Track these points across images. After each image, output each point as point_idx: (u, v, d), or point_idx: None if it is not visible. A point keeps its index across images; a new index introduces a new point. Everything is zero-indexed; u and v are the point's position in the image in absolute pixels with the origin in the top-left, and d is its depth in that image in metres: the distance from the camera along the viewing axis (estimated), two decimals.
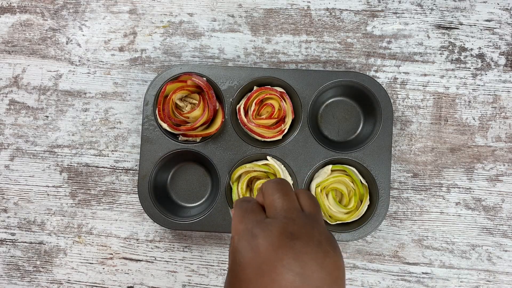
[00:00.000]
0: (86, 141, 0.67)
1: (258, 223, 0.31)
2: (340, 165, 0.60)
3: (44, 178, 0.67)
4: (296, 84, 0.61)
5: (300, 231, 0.29)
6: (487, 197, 0.64)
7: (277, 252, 0.28)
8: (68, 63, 0.69)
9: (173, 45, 0.68)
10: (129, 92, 0.68)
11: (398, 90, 0.66)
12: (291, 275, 0.27)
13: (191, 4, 0.69)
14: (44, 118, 0.68)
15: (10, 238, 0.67)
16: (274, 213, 0.32)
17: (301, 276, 0.27)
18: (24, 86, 0.68)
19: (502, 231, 0.64)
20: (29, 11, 0.69)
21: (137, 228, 0.66)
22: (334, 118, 0.65)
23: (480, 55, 0.66)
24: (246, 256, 0.29)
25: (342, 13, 0.67)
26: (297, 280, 0.27)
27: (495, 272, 0.64)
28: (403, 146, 0.65)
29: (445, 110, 0.66)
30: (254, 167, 0.59)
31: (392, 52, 0.67)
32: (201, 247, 0.65)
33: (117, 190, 0.66)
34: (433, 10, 0.67)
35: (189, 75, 0.61)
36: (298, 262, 0.27)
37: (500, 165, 0.65)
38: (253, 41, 0.68)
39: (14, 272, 0.66)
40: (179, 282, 0.65)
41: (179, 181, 0.65)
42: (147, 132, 0.62)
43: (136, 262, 0.66)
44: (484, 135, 0.65)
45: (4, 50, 0.69)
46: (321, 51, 0.67)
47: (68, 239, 0.66)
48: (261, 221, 0.31)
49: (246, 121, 0.60)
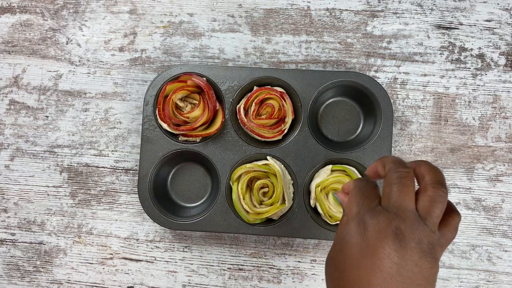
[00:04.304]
0: (86, 141, 0.67)
1: (370, 210, 0.33)
2: (340, 165, 0.60)
3: (44, 178, 0.67)
4: (296, 84, 0.61)
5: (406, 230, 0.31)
6: (487, 197, 0.64)
7: (381, 240, 0.31)
8: (68, 63, 0.69)
9: (173, 45, 0.68)
10: (129, 92, 0.68)
11: (398, 90, 0.66)
12: (389, 262, 0.31)
13: (191, 4, 0.69)
14: (44, 118, 0.68)
15: (10, 238, 0.67)
16: (387, 204, 0.33)
17: (398, 266, 0.31)
18: (24, 86, 0.68)
19: (502, 231, 0.64)
20: (29, 11, 0.69)
21: (137, 228, 0.66)
22: (334, 118, 0.65)
23: (480, 55, 0.66)
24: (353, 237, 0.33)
25: (342, 13, 0.67)
26: (393, 267, 0.31)
27: (495, 272, 0.64)
28: (403, 146, 0.65)
29: (445, 110, 0.66)
30: (254, 167, 0.59)
31: (392, 52, 0.67)
32: (201, 247, 0.65)
33: (117, 190, 0.66)
34: (433, 10, 0.67)
35: (189, 75, 0.61)
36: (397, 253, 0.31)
37: (500, 165, 0.65)
38: (253, 41, 0.68)
39: (14, 272, 0.66)
40: (179, 282, 0.65)
41: (179, 181, 0.65)
42: (147, 132, 0.62)
43: (136, 262, 0.66)
44: (484, 135, 0.65)
45: (4, 50, 0.69)
46: (321, 51, 0.67)
47: (68, 239, 0.66)
48: (373, 209, 0.34)
49: (246, 121, 0.60)
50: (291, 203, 0.60)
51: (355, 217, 0.34)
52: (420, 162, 0.35)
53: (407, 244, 0.31)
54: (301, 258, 0.65)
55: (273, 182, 0.58)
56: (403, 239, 0.31)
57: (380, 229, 0.32)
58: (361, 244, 0.32)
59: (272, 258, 0.65)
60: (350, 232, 0.34)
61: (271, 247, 0.65)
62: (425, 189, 0.33)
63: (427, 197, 0.33)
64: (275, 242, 0.65)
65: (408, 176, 0.34)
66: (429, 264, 0.31)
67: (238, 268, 0.65)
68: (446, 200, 0.33)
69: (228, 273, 0.65)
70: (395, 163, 0.35)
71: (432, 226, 0.32)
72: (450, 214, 0.34)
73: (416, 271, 0.31)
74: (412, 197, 0.33)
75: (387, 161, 0.36)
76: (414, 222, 0.32)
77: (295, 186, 0.61)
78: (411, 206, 0.33)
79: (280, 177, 0.58)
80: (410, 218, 0.32)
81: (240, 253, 0.65)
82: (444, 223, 0.33)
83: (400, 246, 0.31)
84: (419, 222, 0.32)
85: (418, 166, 0.35)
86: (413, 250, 0.31)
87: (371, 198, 0.35)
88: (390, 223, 0.32)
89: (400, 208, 0.32)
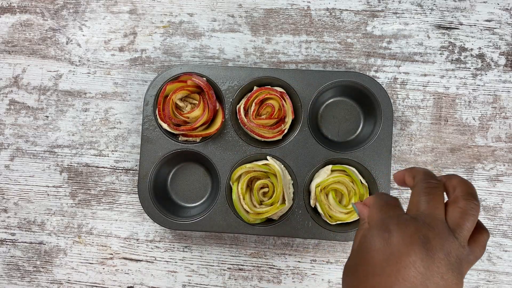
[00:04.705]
0: (86, 141, 0.67)
1: (395, 217, 0.32)
2: (340, 165, 0.60)
3: (44, 178, 0.67)
4: (296, 84, 0.61)
5: (434, 239, 0.30)
6: (487, 197, 0.64)
7: (408, 248, 0.30)
8: (68, 63, 0.69)
9: (173, 45, 0.68)
10: (129, 92, 0.68)
11: (398, 90, 0.66)
12: (414, 271, 0.29)
13: (191, 4, 0.69)
14: (44, 118, 0.68)
15: (10, 238, 0.67)
16: (415, 213, 0.32)
17: (423, 276, 0.29)
18: (24, 86, 0.68)
19: (502, 231, 0.64)
20: (29, 11, 0.69)
21: (137, 228, 0.66)
22: (334, 118, 0.65)
23: (480, 55, 0.66)
24: (376, 242, 0.32)
25: (342, 13, 0.67)
26: (418, 277, 0.29)
27: (495, 272, 0.64)
28: (403, 146, 0.65)
29: (445, 110, 0.66)
30: (254, 167, 0.59)
31: (392, 52, 0.67)
32: (201, 247, 0.65)
33: (117, 190, 0.66)
34: (433, 10, 0.67)
35: (189, 75, 0.61)
36: (423, 263, 0.29)
37: (500, 165, 0.65)
38: (253, 41, 0.68)
39: (14, 272, 0.66)
40: (179, 282, 0.65)
41: (179, 181, 0.65)
42: (147, 132, 0.62)
43: (136, 262, 0.66)
44: (484, 135, 0.65)
45: (4, 50, 0.69)
46: (321, 51, 0.67)
47: (68, 239, 0.66)
48: (398, 216, 0.32)
49: (246, 121, 0.60)
50: (291, 203, 0.60)
51: (378, 223, 0.33)
52: (450, 175, 0.35)
53: (435, 254, 0.29)
54: (301, 258, 0.65)
55: (273, 182, 0.58)
56: (431, 248, 0.29)
57: (406, 236, 0.30)
58: (385, 251, 0.31)
59: (272, 258, 0.65)
60: (373, 238, 0.32)
61: (271, 247, 0.65)
62: (456, 201, 0.32)
63: (458, 208, 0.31)
64: (275, 242, 0.65)
65: (439, 187, 0.33)
66: (455, 280, 0.30)
67: (238, 268, 0.65)
68: (478, 213, 0.32)
69: (228, 273, 0.65)
70: (425, 174, 0.34)
71: (462, 240, 0.31)
72: (479, 231, 0.33)
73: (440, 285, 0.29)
74: (442, 208, 0.32)
75: (416, 171, 0.35)
76: (444, 232, 0.30)
77: (295, 186, 0.61)
78: (441, 216, 0.32)
79: (280, 177, 0.58)
80: (440, 228, 0.31)
81: (240, 253, 0.65)
82: (473, 239, 0.32)
83: (427, 256, 0.29)
84: (449, 234, 0.30)
85: (449, 179, 0.34)
86: (441, 262, 0.29)
87: (395, 207, 0.34)
88: (418, 230, 0.30)
89: (429, 217, 0.31)
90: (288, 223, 0.60)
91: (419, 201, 0.33)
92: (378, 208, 0.34)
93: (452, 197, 0.33)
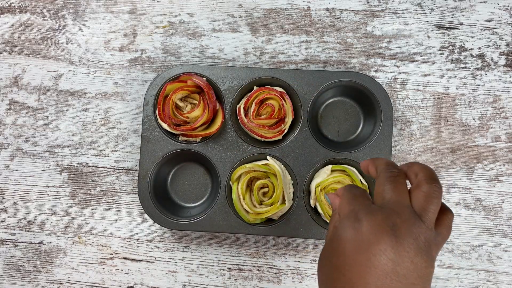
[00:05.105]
0: (86, 141, 0.67)
1: (364, 207, 0.33)
2: (340, 165, 0.60)
3: (44, 178, 0.67)
4: (296, 84, 0.61)
5: (402, 225, 0.31)
6: (487, 197, 0.64)
7: (377, 236, 0.30)
8: (68, 63, 0.69)
9: (173, 45, 0.68)
10: (129, 92, 0.68)
11: (398, 90, 0.66)
12: (384, 258, 0.30)
13: (191, 4, 0.69)
14: (44, 118, 0.68)
15: (10, 238, 0.67)
16: (381, 202, 0.33)
17: (393, 262, 0.30)
18: (24, 86, 0.68)
19: (502, 231, 0.64)
20: (29, 11, 0.69)
21: (137, 228, 0.66)
22: (334, 118, 0.65)
23: (480, 55, 0.66)
24: (347, 233, 0.32)
25: (342, 13, 0.67)
26: (389, 264, 0.30)
27: (495, 272, 0.64)
28: (403, 146, 0.65)
29: (445, 110, 0.66)
30: (254, 167, 0.59)
31: (392, 52, 0.67)
32: (201, 247, 0.65)
33: (117, 190, 0.66)
34: (433, 10, 0.67)
35: (189, 75, 0.61)
36: (393, 250, 0.30)
37: (500, 165, 0.65)
38: (253, 41, 0.68)
39: (14, 272, 0.66)
40: (179, 282, 0.65)
41: (179, 181, 0.65)
42: (147, 132, 0.62)
43: (136, 262, 0.66)
44: (484, 135, 0.65)
45: (4, 50, 0.69)
46: (321, 51, 0.67)
47: (68, 239, 0.66)
48: (367, 206, 0.33)
49: (246, 121, 0.60)
50: (291, 203, 0.60)
51: (349, 214, 0.34)
52: (411, 163, 0.36)
53: (404, 240, 0.30)
54: (301, 258, 0.65)
55: (273, 182, 0.58)
56: (400, 235, 0.30)
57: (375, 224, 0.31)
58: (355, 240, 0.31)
59: (272, 258, 0.65)
60: (345, 228, 0.33)
61: (271, 247, 0.65)
62: (419, 186, 0.33)
63: (422, 193, 0.32)
64: (275, 242, 0.65)
65: (400, 175, 0.35)
66: (424, 263, 0.30)
67: (238, 268, 0.65)
68: (441, 195, 0.33)
69: (228, 273, 0.65)
70: (387, 164, 0.36)
71: (428, 223, 0.31)
72: (443, 212, 0.34)
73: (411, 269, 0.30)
74: (407, 194, 0.33)
75: (379, 163, 0.37)
76: (411, 217, 0.31)
77: (295, 186, 0.61)
78: (406, 202, 0.32)
79: (280, 177, 0.58)
80: (407, 213, 0.31)
81: (240, 253, 0.65)
82: (438, 222, 0.33)
83: (396, 242, 0.30)
84: (416, 218, 0.31)
85: (409, 167, 0.35)
86: (410, 247, 0.30)
87: (364, 198, 0.35)
88: (386, 218, 0.31)
89: (395, 204, 0.32)
90: (288, 223, 0.60)
91: (383, 190, 0.34)
92: (347, 199, 0.35)
93: (414, 183, 0.34)
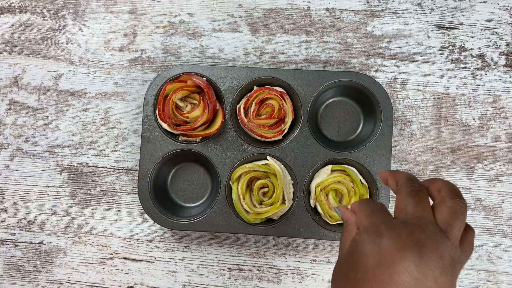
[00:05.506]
0: (86, 141, 0.67)
1: (386, 221, 0.32)
2: (340, 165, 0.60)
3: (44, 178, 0.67)
4: (296, 84, 0.61)
5: (427, 241, 0.29)
6: (487, 197, 0.64)
7: (400, 252, 0.29)
8: (68, 63, 0.69)
9: (173, 45, 0.68)
10: (129, 92, 0.68)
11: (398, 90, 0.66)
12: (407, 276, 0.28)
13: (191, 4, 0.69)
14: (44, 118, 0.68)
15: (10, 238, 0.67)
16: (403, 217, 0.32)
17: (416, 281, 0.28)
18: (24, 86, 0.68)
19: (502, 231, 0.64)
20: (29, 11, 0.69)
21: (137, 228, 0.66)
22: (334, 118, 0.65)
23: (480, 55, 0.66)
24: (368, 248, 0.31)
25: (342, 13, 0.67)
26: (412, 282, 0.28)
27: (495, 272, 0.64)
28: (403, 146, 0.65)
29: (445, 110, 0.66)
30: (254, 167, 0.59)
31: (392, 52, 0.67)
32: (201, 247, 0.65)
33: (117, 190, 0.66)
34: (433, 10, 0.67)
35: (189, 75, 0.61)
36: (417, 268, 0.28)
37: (500, 165, 0.65)
38: (253, 41, 0.68)
39: (14, 272, 0.66)
40: (179, 282, 0.65)
41: (179, 181, 0.65)
42: (147, 132, 0.62)
43: (136, 262, 0.66)
44: (484, 135, 0.65)
45: (4, 50, 0.69)
46: (321, 51, 0.67)
47: (68, 239, 0.66)
48: (389, 221, 0.32)
49: (246, 121, 0.60)
50: (291, 203, 0.60)
51: (369, 228, 0.32)
52: (433, 179, 0.34)
53: (429, 257, 0.28)
54: (301, 258, 0.65)
55: (273, 182, 0.58)
56: (424, 251, 0.28)
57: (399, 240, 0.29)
58: (377, 255, 0.30)
59: (272, 258, 0.65)
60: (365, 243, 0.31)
61: (271, 247, 0.65)
62: (444, 201, 0.31)
63: (447, 208, 0.31)
64: (275, 242, 0.65)
65: (423, 189, 0.33)
66: (448, 282, 0.29)
67: (238, 268, 0.65)
68: (466, 211, 0.31)
69: (228, 273, 0.65)
70: (408, 179, 0.34)
71: (454, 239, 0.30)
72: (466, 229, 0.32)
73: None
74: (430, 209, 0.32)
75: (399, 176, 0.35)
76: (436, 234, 0.30)
77: (295, 186, 0.61)
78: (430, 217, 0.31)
79: (280, 177, 0.58)
80: (432, 230, 0.30)
81: (240, 253, 0.65)
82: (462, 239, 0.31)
83: (420, 260, 0.28)
84: (441, 235, 0.30)
85: (432, 183, 0.34)
86: (435, 265, 0.28)
87: (383, 211, 0.33)
88: (410, 234, 0.29)
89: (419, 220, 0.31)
90: (288, 223, 0.60)
91: (406, 204, 0.32)
92: (366, 213, 0.33)
93: (438, 199, 0.32)
